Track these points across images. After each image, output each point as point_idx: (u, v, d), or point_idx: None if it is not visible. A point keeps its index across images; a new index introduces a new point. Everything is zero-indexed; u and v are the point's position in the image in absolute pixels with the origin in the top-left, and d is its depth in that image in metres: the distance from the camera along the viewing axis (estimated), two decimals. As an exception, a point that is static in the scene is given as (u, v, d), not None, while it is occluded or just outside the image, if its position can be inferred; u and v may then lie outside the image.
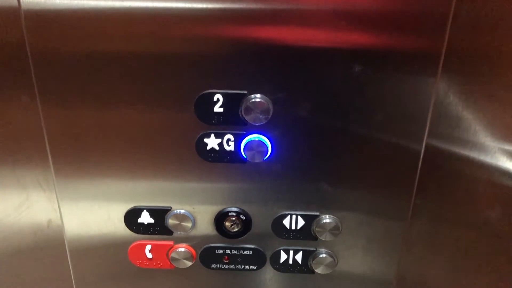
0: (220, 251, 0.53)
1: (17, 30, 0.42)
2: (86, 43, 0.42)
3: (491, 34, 0.43)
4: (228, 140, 0.47)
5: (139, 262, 0.55)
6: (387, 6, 0.40)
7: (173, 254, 0.53)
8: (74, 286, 0.57)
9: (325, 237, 0.51)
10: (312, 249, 0.53)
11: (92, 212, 0.52)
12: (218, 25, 0.41)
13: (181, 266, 0.54)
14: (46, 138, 0.47)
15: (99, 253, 0.54)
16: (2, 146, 0.49)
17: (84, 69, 0.44)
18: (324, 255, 0.53)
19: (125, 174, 0.49)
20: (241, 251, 0.53)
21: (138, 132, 0.47)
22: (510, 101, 0.46)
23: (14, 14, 0.42)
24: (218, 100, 0.44)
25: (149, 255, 0.54)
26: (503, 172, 0.49)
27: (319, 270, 0.53)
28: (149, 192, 0.50)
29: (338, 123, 0.46)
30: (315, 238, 0.52)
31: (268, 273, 0.55)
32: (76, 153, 0.48)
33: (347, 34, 0.41)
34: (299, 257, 0.53)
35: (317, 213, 0.51)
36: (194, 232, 0.53)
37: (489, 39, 0.43)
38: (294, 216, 0.51)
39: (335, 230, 0.51)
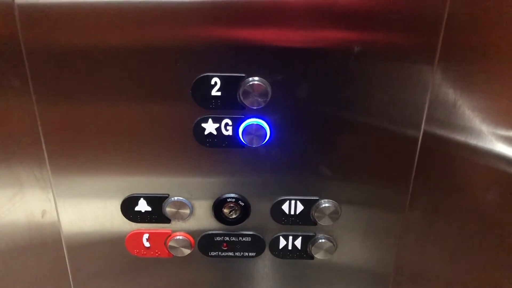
0: (218, 238, 0.53)
1: (11, 24, 0.42)
2: (80, 36, 0.42)
3: (486, 28, 0.43)
4: (226, 124, 0.46)
5: (136, 251, 0.54)
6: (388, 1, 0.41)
7: (171, 243, 0.53)
8: (71, 280, 0.56)
9: (324, 221, 0.51)
10: (311, 234, 0.53)
11: (89, 203, 0.51)
12: (215, 11, 0.41)
13: (179, 255, 0.53)
14: (40, 130, 0.47)
15: (96, 245, 0.54)
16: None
17: (78, 62, 0.43)
18: (323, 240, 0.52)
19: (123, 162, 0.49)
20: (240, 238, 0.53)
21: (135, 119, 0.46)
22: (505, 88, 0.46)
23: (8, 7, 0.41)
24: (215, 83, 0.44)
25: (147, 244, 0.53)
26: (499, 157, 0.49)
27: (318, 255, 0.53)
28: (146, 180, 0.50)
29: (337, 108, 0.46)
30: (315, 223, 0.52)
31: (268, 260, 0.55)
32: (72, 144, 0.47)
33: (347, 24, 0.42)
34: (298, 243, 0.53)
35: (317, 198, 0.50)
36: (192, 220, 0.52)
37: (485, 31, 0.43)
38: (293, 201, 0.50)
39: (334, 214, 0.50)
